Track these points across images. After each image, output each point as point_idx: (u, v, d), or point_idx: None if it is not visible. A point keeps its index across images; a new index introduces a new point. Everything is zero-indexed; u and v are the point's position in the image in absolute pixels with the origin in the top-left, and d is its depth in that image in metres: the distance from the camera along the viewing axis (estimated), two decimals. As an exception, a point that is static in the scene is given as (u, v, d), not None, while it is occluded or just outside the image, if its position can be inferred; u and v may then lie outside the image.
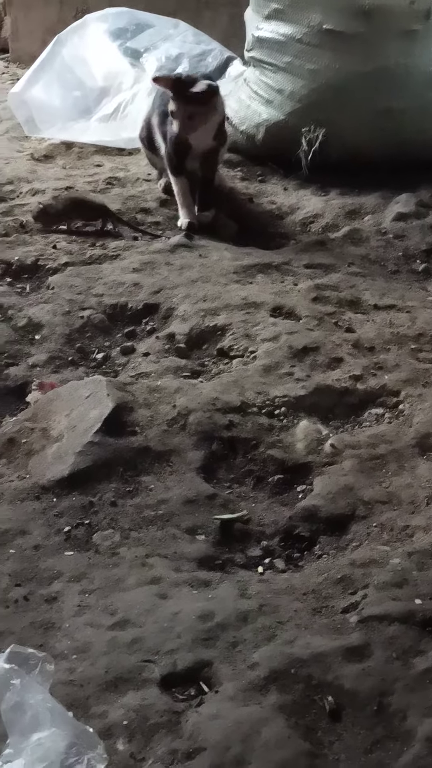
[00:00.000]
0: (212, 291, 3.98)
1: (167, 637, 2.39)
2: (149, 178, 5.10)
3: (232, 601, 2.51)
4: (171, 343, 3.72)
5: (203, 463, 3.07)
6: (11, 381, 3.52)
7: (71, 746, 2.00)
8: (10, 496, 2.91)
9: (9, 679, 2.04)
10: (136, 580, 2.60)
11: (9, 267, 4.24)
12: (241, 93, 5.42)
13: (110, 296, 3.97)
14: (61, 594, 2.56)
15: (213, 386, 3.38)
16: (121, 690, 2.25)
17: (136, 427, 3.14)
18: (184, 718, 2.18)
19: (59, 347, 3.70)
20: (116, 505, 2.88)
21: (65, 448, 3.04)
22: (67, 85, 5.76)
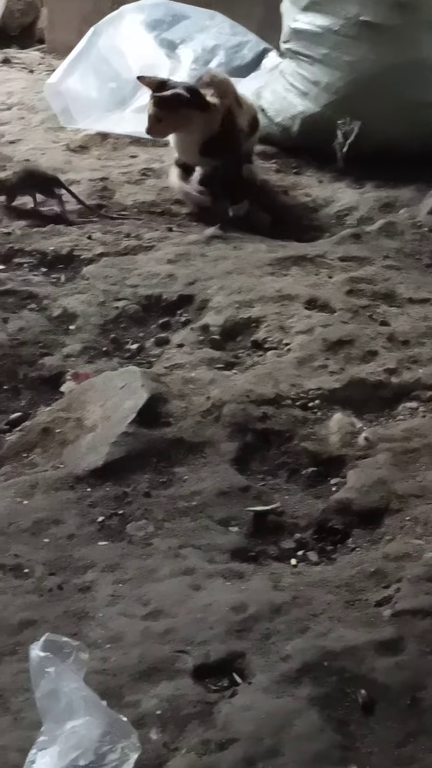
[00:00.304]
0: (247, 283, 3.98)
1: (200, 628, 2.40)
2: (184, 170, 5.09)
3: (265, 592, 2.51)
4: (205, 335, 3.73)
5: (237, 455, 3.07)
6: (46, 371, 3.53)
7: (105, 735, 2.01)
8: (44, 486, 2.92)
9: (44, 667, 2.05)
10: (169, 570, 2.61)
11: (44, 257, 4.25)
12: (277, 85, 5.41)
13: (145, 287, 3.98)
14: (94, 583, 2.57)
15: (247, 378, 3.38)
16: (154, 680, 2.26)
17: (170, 418, 3.15)
18: (217, 708, 2.19)
19: (93, 337, 3.71)
20: (150, 496, 2.89)
21: (99, 438, 3.05)
22: (102, 76, 5.76)
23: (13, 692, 2.22)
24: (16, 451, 3.17)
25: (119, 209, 4.71)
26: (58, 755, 1.97)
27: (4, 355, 3.57)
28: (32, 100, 6.15)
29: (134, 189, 4.87)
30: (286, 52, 5.41)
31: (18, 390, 3.48)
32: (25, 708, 2.18)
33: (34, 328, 3.72)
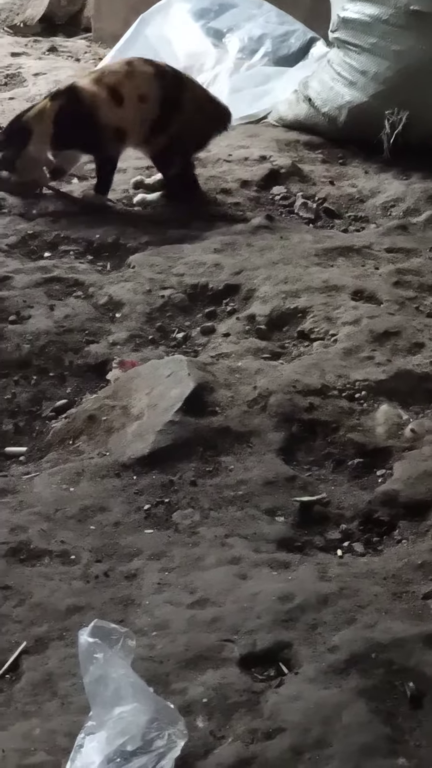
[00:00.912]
0: (293, 273, 3.96)
1: (247, 617, 2.39)
2: (230, 159, 5.09)
3: (311, 583, 2.51)
4: (251, 325, 3.72)
5: (283, 445, 3.07)
6: (92, 358, 3.54)
7: (152, 721, 2.01)
8: (90, 473, 2.93)
9: (93, 652, 2.06)
10: (215, 559, 2.61)
11: (90, 245, 4.26)
12: (324, 74, 5.38)
13: (191, 276, 3.98)
14: (140, 571, 2.57)
15: (293, 368, 3.37)
16: (201, 668, 2.26)
17: (217, 407, 3.15)
18: (264, 698, 2.19)
19: (139, 326, 3.72)
20: (196, 485, 2.89)
21: (146, 426, 3.06)
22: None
23: (60, 677, 2.23)
24: (61, 438, 3.18)
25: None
26: (106, 740, 1.98)
27: (50, 342, 3.58)
28: (78, 88, 6.14)
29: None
30: (334, 41, 5.38)
31: (64, 377, 3.49)
32: (73, 693, 2.19)
33: (80, 316, 3.73)
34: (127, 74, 4.51)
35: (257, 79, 5.70)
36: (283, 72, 5.70)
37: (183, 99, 4.55)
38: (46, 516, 2.75)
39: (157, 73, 4.52)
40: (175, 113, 4.51)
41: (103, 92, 4.45)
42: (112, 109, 4.45)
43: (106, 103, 4.45)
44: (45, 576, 2.54)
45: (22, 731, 2.10)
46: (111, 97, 4.45)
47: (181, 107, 4.54)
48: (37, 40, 7.27)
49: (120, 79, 4.49)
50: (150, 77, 4.50)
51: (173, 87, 4.54)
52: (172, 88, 4.53)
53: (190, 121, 4.55)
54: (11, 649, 2.32)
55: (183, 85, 4.60)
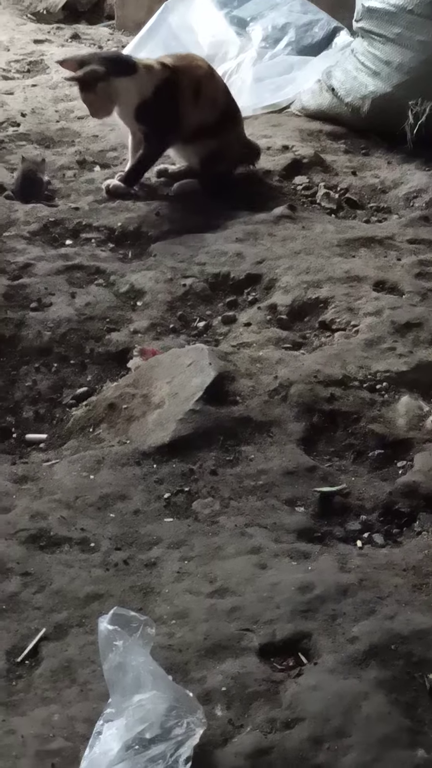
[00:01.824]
0: (315, 263, 3.95)
1: (266, 607, 2.39)
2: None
3: (331, 573, 2.50)
4: (273, 314, 3.71)
5: (304, 435, 3.06)
6: (113, 346, 3.54)
7: (171, 709, 2.01)
8: (110, 461, 2.93)
9: (112, 640, 2.06)
10: (235, 549, 2.61)
11: (112, 233, 4.26)
12: (348, 64, 5.35)
13: (213, 265, 3.97)
14: (160, 560, 2.57)
15: (315, 359, 3.36)
16: (220, 657, 2.26)
17: (238, 396, 3.14)
18: (283, 687, 2.19)
19: (161, 314, 3.71)
20: (216, 474, 2.89)
21: (166, 415, 3.05)
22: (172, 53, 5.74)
23: (80, 664, 2.24)
24: (82, 425, 3.19)
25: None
26: (125, 727, 1.98)
27: (71, 329, 3.58)
28: (101, 76, 6.13)
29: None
30: (358, 31, 5.36)
31: (84, 365, 3.49)
32: (92, 680, 2.19)
33: (102, 304, 3.73)
34: (209, 75, 4.58)
35: (280, 69, 5.68)
36: (306, 61, 5.67)
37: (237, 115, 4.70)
38: (66, 503, 2.76)
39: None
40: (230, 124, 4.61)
41: (189, 88, 4.49)
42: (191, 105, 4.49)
43: (189, 99, 4.48)
44: (65, 563, 2.55)
45: (42, 717, 2.11)
46: (193, 93, 4.50)
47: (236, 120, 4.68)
48: (60, 28, 7.26)
49: (204, 79, 4.54)
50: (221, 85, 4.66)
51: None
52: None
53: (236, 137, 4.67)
54: (31, 635, 2.33)
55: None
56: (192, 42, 5.76)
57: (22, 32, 7.03)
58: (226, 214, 4.41)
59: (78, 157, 4.96)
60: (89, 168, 4.88)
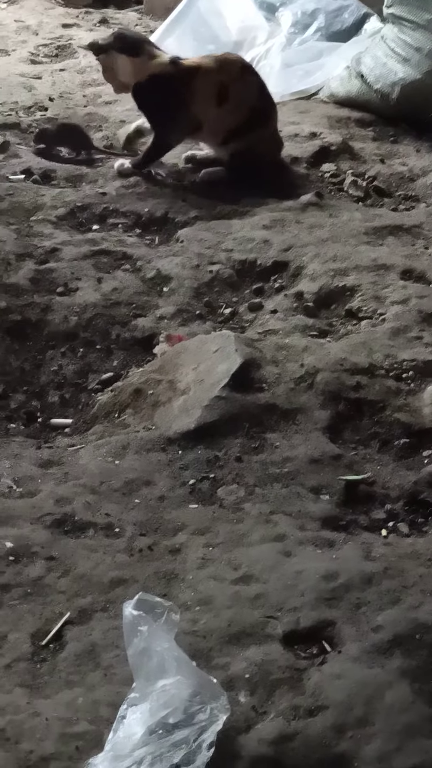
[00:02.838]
0: (342, 251, 3.94)
1: (291, 595, 2.39)
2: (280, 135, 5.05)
3: (356, 562, 2.50)
4: (299, 302, 3.70)
5: (329, 423, 3.05)
6: (139, 332, 3.54)
7: (195, 695, 2.02)
8: (136, 447, 2.93)
9: (137, 625, 2.06)
10: (260, 536, 2.61)
11: (139, 218, 4.26)
12: (378, 50, 5.32)
13: (239, 252, 3.96)
14: (185, 546, 2.58)
15: (341, 347, 3.36)
16: (244, 644, 2.27)
17: (264, 383, 3.14)
18: (306, 675, 2.19)
19: (187, 300, 3.71)
20: (241, 461, 2.89)
21: (192, 401, 3.05)
22: (201, 38, 5.73)
23: (104, 648, 2.25)
24: (107, 411, 3.19)
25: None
26: (149, 712, 1.99)
27: (97, 315, 3.59)
28: (129, 61, 6.12)
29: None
30: (389, 17, 5.32)
31: (110, 350, 3.49)
32: (116, 664, 2.20)
33: (128, 289, 3.73)
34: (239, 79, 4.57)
35: (309, 54, 5.65)
36: (335, 47, 5.65)
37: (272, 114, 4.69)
38: (91, 488, 2.76)
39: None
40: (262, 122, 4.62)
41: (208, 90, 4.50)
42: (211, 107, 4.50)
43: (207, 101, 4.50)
44: (89, 548, 2.55)
45: (66, 700, 2.12)
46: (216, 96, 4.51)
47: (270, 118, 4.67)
48: (89, 12, 7.24)
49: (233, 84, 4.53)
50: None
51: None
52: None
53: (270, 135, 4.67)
54: (55, 619, 2.34)
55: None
56: (221, 27, 5.75)
57: (50, 16, 7.02)
58: (253, 201, 4.40)
59: (105, 142, 4.96)
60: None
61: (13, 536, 2.56)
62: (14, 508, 2.67)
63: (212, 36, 5.74)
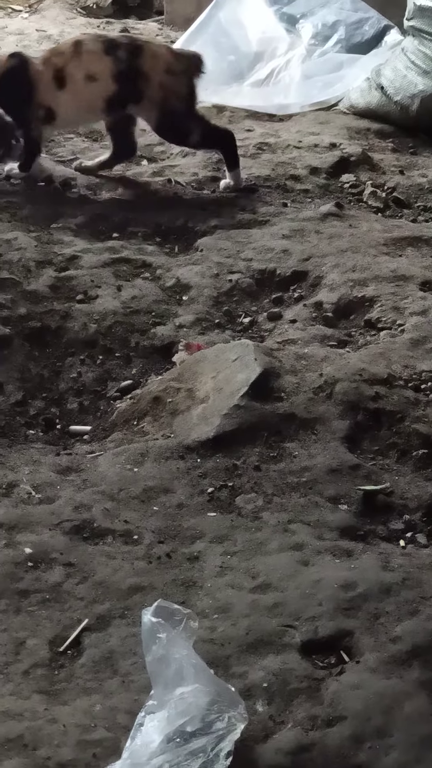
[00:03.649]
0: (361, 262, 3.94)
1: (309, 604, 2.39)
2: (300, 145, 5.06)
3: (374, 572, 2.50)
4: (318, 312, 3.71)
5: (348, 433, 3.05)
6: (158, 340, 3.55)
7: (213, 703, 2.02)
8: (154, 454, 2.94)
9: (156, 632, 2.06)
10: (278, 545, 2.60)
11: (158, 227, 4.26)
12: (398, 63, 5.33)
13: (259, 261, 3.97)
14: (203, 554, 2.58)
15: (360, 357, 3.35)
16: (262, 652, 2.26)
17: (282, 393, 3.14)
18: (324, 685, 2.18)
19: (206, 309, 3.71)
20: (260, 470, 2.88)
21: (211, 409, 3.05)
22: (221, 49, 5.75)
23: (122, 655, 2.25)
24: (126, 418, 3.19)
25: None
26: (167, 720, 1.98)
27: (116, 322, 3.59)
28: (149, 70, 6.14)
29: (249, 163, 4.84)
30: (409, 29, 5.33)
31: (129, 358, 3.50)
32: (134, 671, 2.20)
33: (147, 297, 3.74)
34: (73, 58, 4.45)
35: (329, 66, 5.66)
36: (355, 59, 5.66)
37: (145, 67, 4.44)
38: (110, 495, 2.77)
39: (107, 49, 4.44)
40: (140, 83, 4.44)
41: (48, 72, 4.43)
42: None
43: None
44: (108, 555, 2.56)
45: (83, 707, 2.12)
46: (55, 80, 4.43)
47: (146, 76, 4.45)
48: (110, 22, 7.27)
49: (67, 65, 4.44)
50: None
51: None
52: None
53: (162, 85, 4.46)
54: (73, 625, 2.34)
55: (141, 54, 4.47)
56: (241, 38, 5.76)
57: (71, 26, 7.04)
58: (272, 210, 4.41)
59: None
60: (136, 162, 4.88)
61: (32, 542, 2.56)
62: (33, 515, 2.67)
63: (233, 47, 5.76)
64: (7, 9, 7.41)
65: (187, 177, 4.68)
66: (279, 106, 5.49)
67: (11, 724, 2.06)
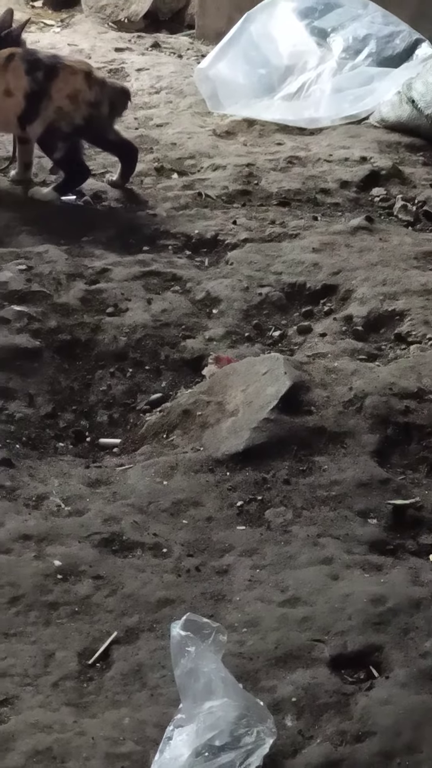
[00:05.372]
0: (392, 275, 3.93)
1: (338, 618, 2.38)
2: (330, 159, 5.07)
3: (404, 587, 2.49)
4: (348, 325, 3.70)
5: (377, 447, 3.04)
6: (188, 353, 3.55)
7: (242, 717, 2.01)
8: (184, 467, 2.94)
9: (184, 645, 2.06)
10: (307, 558, 2.60)
11: (189, 240, 4.27)
12: (429, 76, 5.32)
13: (289, 275, 3.97)
14: (232, 567, 2.57)
15: (390, 371, 3.34)
16: (290, 667, 2.26)
17: (312, 406, 3.13)
18: (354, 700, 2.17)
19: (236, 322, 3.72)
20: (289, 483, 2.88)
21: (240, 423, 3.05)
22: (252, 63, 5.77)
23: (150, 668, 2.24)
24: (155, 431, 3.20)
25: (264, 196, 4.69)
26: (195, 734, 1.98)
27: (146, 335, 3.60)
28: (180, 84, 6.18)
29: (279, 176, 4.85)
30: (440, 43, 5.34)
31: (159, 371, 3.50)
32: (162, 684, 2.20)
33: (177, 310, 3.74)
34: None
35: (360, 80, 5.67)
36: (386, 73, 5.66)
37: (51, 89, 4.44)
38: (139, 508, 2.77)
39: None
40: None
41: None
42: None
43: None
44: (137, 567, 2.56)
45: (112, 720, 2.12)
46: None
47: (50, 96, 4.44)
48: (141, 36, 7.31)
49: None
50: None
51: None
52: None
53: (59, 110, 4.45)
54: (102, 638, 2.34)
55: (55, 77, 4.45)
56: (272, 51, 5.78)
57: (103, 40, 7.09)
58: (303, 224, 4.41)
59: (156, 164, 4.99)
60: (167, 175, 4.91)
61: (61, 554, 2.56)
62: (63, 527, 2.68)
63: (263, 60, 5.77)
64: (40, 23, 7.47)
65: (217, 190, 4.69)
66: (310, 119, 5.50)
67: (40, 736, 2.07)
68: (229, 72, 5.77)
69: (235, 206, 4.59)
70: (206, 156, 5.09)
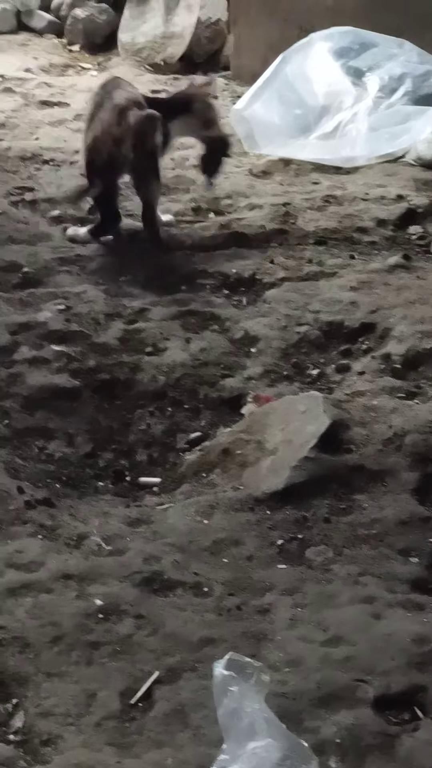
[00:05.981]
0: (430, 313, 3.93)
1: (381, 658, 2.37)
2: (366, 197, 5.07)
3: (447, 626, 2.47)
4: (387, 363, 3.70)
5: (418, 485, 3.04)
6: (226, 392, 3.56)
7: (285, 759, 2.00)
8: (224, 506, 2.94)
9: (227, 685, 2.06)
10: (348, 597, 2.59)
11: (226, 279, 4.29)
12: (465, 115, 5.34)
13: (327, 313, 3.97)
14: (273, 606, 2.57)
15: (429, 408, 3.34)
16: (334, 707, 2.25)
17: (352, 445, 3.13)
18: (399, 742, 2.16)
19: (275, 361, 3.73)
20: (330, 522, 2.88)
21: (280, 461, 3.06)
22: (288, 103, 5.79)
23: (193, 708, 2.24)
24: (195, 470, 3.20)
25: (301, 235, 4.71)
26: (239, 775, 1.97)
27: (185, 374, 3.61)
28: (216, 125, 6.21)
29: (316, 215, 4.86)
30: None
31: (198, 410, 3.51)
32: (205, 724, 2.19)
33: (216, 349, 3.76)
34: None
35: (396, 118, 5.67)
36: (422, 111, 5.66)
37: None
38: (179, 547, 2.77)
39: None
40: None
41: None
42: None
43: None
44: (178, 607, 2.56)
45: (155, 760, 2.11)
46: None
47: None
48: (177, 78, 7.36)
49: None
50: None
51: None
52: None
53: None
54: (144, 678, 2.34)
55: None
56: (308, 91, 5.79)
57: (139, 83, 7.12)
58: (340, 262, 4.42)
59: (193, 204, 5.01)
60: (203, 215, 4.93)
61: (102, 594, 2.57)
62: (103, 566, 2.68)
63: (299, 100, 5.79)
64: (77, 67, 7.54)
65: (254, 230, 4.71)
66: (346, 158, 5.51)
67: (83, 776, 2.07)
68: (265, 112, 5.80)
69: (272, 245, 4.61)
70: (243, 195, 5.11)
